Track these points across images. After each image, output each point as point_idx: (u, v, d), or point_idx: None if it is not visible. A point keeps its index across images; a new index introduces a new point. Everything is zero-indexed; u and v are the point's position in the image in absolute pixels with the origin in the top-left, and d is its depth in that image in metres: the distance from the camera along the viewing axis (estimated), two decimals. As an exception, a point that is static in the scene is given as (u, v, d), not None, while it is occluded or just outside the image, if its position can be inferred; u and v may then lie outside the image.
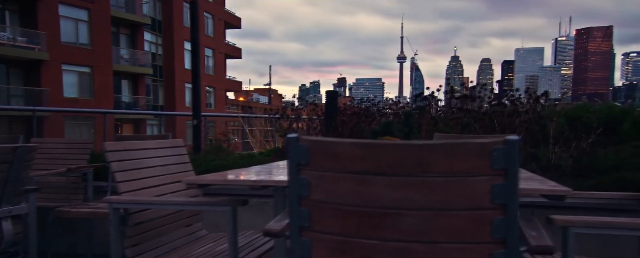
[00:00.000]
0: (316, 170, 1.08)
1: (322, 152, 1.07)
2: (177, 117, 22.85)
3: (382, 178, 1.04)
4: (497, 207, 1.02)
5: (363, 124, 6.91)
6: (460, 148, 1.01)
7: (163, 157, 2.22)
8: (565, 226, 1.43)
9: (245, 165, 4.76)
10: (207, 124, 26.45)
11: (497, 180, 1.00)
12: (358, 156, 1.05)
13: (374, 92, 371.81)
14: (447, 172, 1.02)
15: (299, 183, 1.09)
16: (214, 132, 24.66)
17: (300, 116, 8.02)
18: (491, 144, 0.99)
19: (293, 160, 1.08)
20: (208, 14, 31.03)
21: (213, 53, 32.01)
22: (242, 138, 10.48)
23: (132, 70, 25.06)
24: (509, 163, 1.00)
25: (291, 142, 1.07)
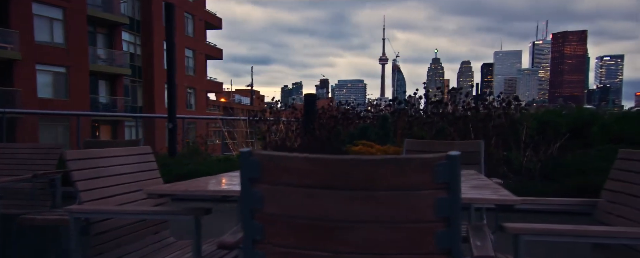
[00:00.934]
0: (268, 184, 1.10)
1: (273, 166, 1.09)
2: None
3: (332, 192, 1.07)
4: (441, 219, 1.05)
5: (340, 128, 6.96)
6: (405, 164, 1.05)
7: (129, 165, 2.20)
8: (516, 234, 1.48)
9: (220, 170, 4.74)
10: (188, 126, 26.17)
11: (440, 194, 1.04)
12: (309, 170, 1.07)
13: (356, 93, 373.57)
14: (392, 186, 1.05)
15: (251, 196, 1.11)
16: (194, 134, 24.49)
17: (279, 118, 8.03)
18: (434, 160, 1.03)
19: (245, 174, 1.10)
20: (188, 14, 30.70)
21: (193, 54, 31.68)
22: (222, 140, 10.41)
23: (109, 70, 24.60)
24: (451, 178, 1.04)
25: (243, 156, 1.09)
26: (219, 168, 5.08)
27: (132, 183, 2.15)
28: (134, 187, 2.15)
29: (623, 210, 1.87)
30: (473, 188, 1.69)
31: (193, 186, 1.71)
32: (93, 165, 1.98)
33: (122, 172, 2.13)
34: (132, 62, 27.00)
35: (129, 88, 27.25)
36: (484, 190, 1.63)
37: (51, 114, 17.87)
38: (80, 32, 22.18)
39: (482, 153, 2.98)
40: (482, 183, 1.80)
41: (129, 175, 2.16)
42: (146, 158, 2.36)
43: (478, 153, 3.00)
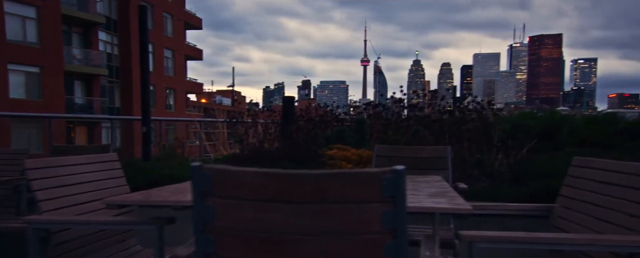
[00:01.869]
0: (220, 197, 1.11)
1: (224, 180, 1.10)
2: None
3: (282, 206, 1.09)
4: (388, 231, 1.08)
5: (318, 131, 6.99)
6: (353, 178, 1.07)
7: (93, 173, 2.17)
8: (471, 241, 1.53)
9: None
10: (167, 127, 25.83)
11: (386, 207, 1.07)
12: (259, 184, 1.09)
13: (338, 94, 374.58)
14: (341, 200, 1.08)
15: (203, 210, 1.12)
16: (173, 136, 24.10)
17: (257, 121, 7.99)
18: (380, 173, 1.06)
19: (196, 187, 1.11)
20: (167, 14, 30.30)
21: (173, 54, 31.26)
22: (202, 142, 10.31)
23: (85, 70, 24.06)
24: (397, 191, 1.07)
25: (194, 170, 1.10)
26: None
27: (96, 191, 2.12)
28: (98, 196, 2.12)
29: (576, 216, 1.94)
30: (430, 197, 1.73)
31: (155, 196, 1.70)
32: (54, 173, 1.95)
33: (85, 180, 2.10)
34: (109, 62, 26.47)
35: (107, 88, 26.70)
36: (441, 198, 1.67)
37: (20, 116, 17.31)
38: (54, 31, 21.63)
39: (450, 159, 3.04)
40: (441, 191, 1.84)
41: (93, 183, 2.14)
42: (112, 166, 2.34)
43: (446, 158, 3.06)
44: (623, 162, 1.73)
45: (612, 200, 1.71)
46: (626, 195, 1.63)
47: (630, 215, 1.58)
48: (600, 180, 1.83)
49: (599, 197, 1.80)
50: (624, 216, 1.62)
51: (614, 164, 1.77)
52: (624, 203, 1.63)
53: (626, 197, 1.63)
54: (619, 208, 1.65)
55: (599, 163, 1.88)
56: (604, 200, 1.77)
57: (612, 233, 1.65)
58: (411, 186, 2.09)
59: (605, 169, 1.82)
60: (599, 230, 1.75)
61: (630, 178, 1.64)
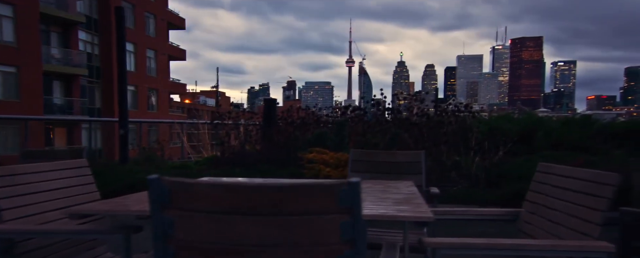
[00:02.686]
0: (178, 209, 1.11)
1: (182, 192, 1.11)
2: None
3: (240, 218, 1.10)
4: (346, 242, 1.10)
5: (299, 133, 7.00)
6: (310, 189, 1.09)
7: (61, 180, 2.14)
8: (434, 248, 1.56)
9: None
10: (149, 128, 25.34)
11: (344, 218, 1.09)
12: (217, 197, 1.10)
13: (323, 95, 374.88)
14: (299, 211, 1.09)
15: (162, 222, 1.12)
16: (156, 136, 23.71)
17: (238, 123, 7.93)
18: (337, 185, 1.08)
19: (155, 200, 1.11)
20: (149, 14, 29.91)
21: (155, 54, 30.87)
22: (187, 142, 10.21)
23: (64, 70, 23.58)
24: (353, 203, 1.09)
25: (152, 183, 1.10)
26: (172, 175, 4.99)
27: (63, 199, 2.09)
28: (66, 203, 2.09)
29: (540, 221, 2.00)
30: (396, 204, 1.76)
31: (120, 205, 1.69)
32: (19, 181, 1.92)
33: (52, 187, 2.07)
34: (90, 62, 25.98)
35: (87, 89, 26.21)
36: (405, 206, 1.70)
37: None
38: (32, 30, 21.15)
39: (424, 163, 3.09)
40: (409, 197, 1.88)
41: (61, 190, 2.11)
42: (81, 172, 2.31)
43: (420, 163, 3.10)
44: (579, 168, 1.79)
45: (570, 205, 1.76)
46: (582, 200, 1.69)
47: (585, 221, 1.64)
48: (560, 186, 1.89)
49: (559, 203, 1.86)
50: (580, 221, 1.68)
51: (571, 170, 1.83)
52: (579, 209, 1.69)
53: (581, 202, 1.69)
54: (576, 213, 1.71)
55: (559, 170, 1.94)
56: (563, 206, 1.82)
57: (572, 238, 1.71)
58: (381, 192, 2.12)
59: (564, 175, 1.88)
60: (560, 235, 1.80)
61: (585, 185, 1.70)
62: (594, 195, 1.64)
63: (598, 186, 1.64)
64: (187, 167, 6.72)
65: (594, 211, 1.62)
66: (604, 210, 1.59)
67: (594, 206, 1.63)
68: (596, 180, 1.66)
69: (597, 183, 1.65)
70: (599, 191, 1.63)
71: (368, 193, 2.10)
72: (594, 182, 1.67)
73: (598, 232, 1.60)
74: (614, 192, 1.58)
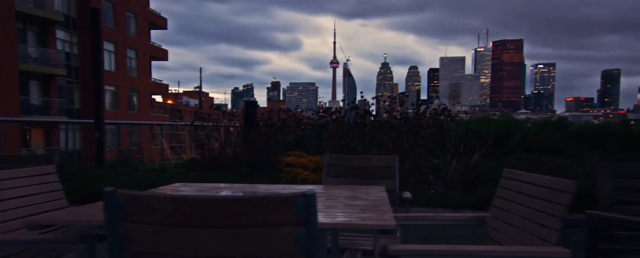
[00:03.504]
0: (134, 222, 1.11)
1: (138, 205, 1.10)
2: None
3: (196, 231, 1.10)
4: (302, 253, 1.12)
5: (279, 136, 6.99)
6: (266, 202, 1.10)
7: (26, 187, 2.10)
8: (397, 255, 1.59)
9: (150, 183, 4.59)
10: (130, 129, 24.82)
11: (300, 230, 1.10)
12: (172, 209, 1.10)
13: (307, 96, 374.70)
14: (256, 223, 1.10)
15: (117, 235, 1.11)
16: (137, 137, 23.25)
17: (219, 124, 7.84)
18: (293, 197, 1.09)
19: (110, 213, 1.10)
20: (130, 14, 29.45)
21: (136, 54, 30.41)
22: (168, 144, 10.07)
23: (42, 70, 23.03)
24: (309, 214, 1.10)
25: (107, 196, 1.09)
26: (149, 180, 4.91)
27: (27, 207, 2.05)
28: (30, 211, 2.05)
29: (504, 227, 2.05)
30: (361, 211, 1.78)
31: (82, 214, 1.67)
32: (-20, 190, 1.88)
33: (15, 195, 2.03)
34: (68, 61, 25.45)
35: (65, 89, 25.66)
36: (370, 213, 1.72)
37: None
38: (7, 29, 20.61)
39: (397, 168, 3.12)
40: (376, 204, 1.90)
41: (25, 198, 2.07)
42: (48, 179, 2.27)
43: (393, 168, 3.14)
44: (539, 175, 1.84)
45: (531, 211, 1.81)
46: (541, 207, 1.74)
47: (544, 226, 1.69)
48: (522, 192, 1.94)
49: (521, 208, 1.91)
50: (539, 227, 1.72)
51: (532, 177, 1.88)
52: (539, 215, 1.74)
53: (541, 208, 1.73)
54: (536, 219, 1.76)
55: (521, 176, 1.99)
56: (525, 211, 1.87)
57: (532, 243, 1.75)
58: (350, 198, 2.14)
59: (526, 181, 1.93)
60: (523, 240, 1.85)
61: (544, 191, 1.75)
62: (552, 201, 1.69)
63: (556, 193, 1.69)
64: (166, 170, 6.64)
65: (552, 217, 1.67)
66: (561, 216, 1.64)
67: (552, 212, 1.67)
68: (554, 187, 1.71)
69: (555, 190, 1.70)
70: (556, 198, 1.67)
71: (337, 200, 2.12)
72: (552, 188, 1.72)
73: (556, 237, 1.64)
74: (570, 199, 1.63)
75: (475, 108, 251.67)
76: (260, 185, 2.65)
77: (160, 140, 10.38)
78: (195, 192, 2.41)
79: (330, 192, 2.44)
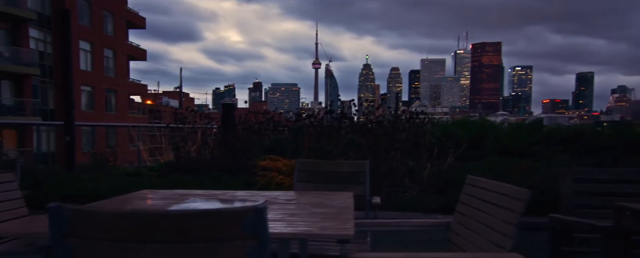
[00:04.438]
0: (80, 238, 1.09)
1: (84, 221, 1.09)
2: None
3: (145, 246, 1.09)
4: (252, 267, 1.12)
5: (255, 139, 6.96)
6: (215, 216, 1.10)
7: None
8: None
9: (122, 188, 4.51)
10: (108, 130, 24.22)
11: (250, 244, 1.11)
12: (119, 225, 1.08)
13: (289, 97, 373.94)
14: (205, 238, 1.10)
15: (63, 251, 1.10)
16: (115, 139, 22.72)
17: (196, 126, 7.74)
18: (242, 212, 1.09)
19: (55, 229, 1.08)
20: (108, 12, 28.88)
21: (114, 54, 29.83)
22: (145, 145, 9.90)
23: (13, 69, 22.37)
24: (259, 229, 1.10)
25: (52, 211, 1.08)
26: (121, 185, 4.82)
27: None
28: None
29: (466, 233, 2.09)
30: (323, 219, 1.79)
31: (36, 226, 1.64)
32: None
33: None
34: (42, 61, 24.78)
35: (39, 89, 24.97)
36: (332, 222, 1.73)
37: None
38: (-23, 27, 19.95)
39: (368, 173, 3.15)
40: (340, 211, 1.91)
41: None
42: (8, 187, 2.21)
43: (364, 173, 3.16)
44: (497, 182, 1.89)
45: (489, 218, 1.85)
46: (498, 214, 1.78)
47: (501, 234, 1.73)
48: (482, 199, 1.98)
49: (481, 215, 1.95)
50: (497, 234, 1.76)
51: (491, 184, 1.93)
52: (496, 222, 1.78)
53: (498, 215, 1.78)
54: (493, 225, 1.80)
55: (482, 183, 2.04)
56: (484, 218, 1.91)
57: (490, 250, 1.79)
58: (315, 206, 2.15)
59: (486, 188, 1.97)
60: (482, 246, 1.89)
61: (501, 198, 1.79)
62: (508, 208, 1.73)
63: (511, 200, 1.73)
64: (140, 173, 6.54)
65: (507, 224, 1.71)
66: (516, 223, 1.68)
67: (507, 219, 1.72)
68: (509, 195, 1.75)
69: (510, 198, 1.74)
70: (511, 205, 1.72)
71: (303, 207, 2.13)
72: (507, 196, 1.76)
73: (510, 244, 1.69)
74: (524, 206, 1.67)
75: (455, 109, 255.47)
76: (229, 192, 2.64)
77: (137, 142, 10.20)
78: (161, 199, 2.38)
79: (299, 199, 2.45)
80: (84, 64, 27.03)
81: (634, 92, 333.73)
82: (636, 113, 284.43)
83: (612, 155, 6.76)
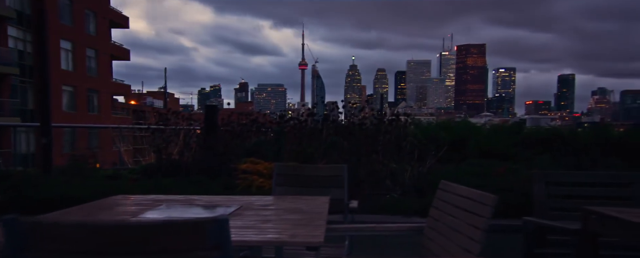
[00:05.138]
0: (38, 252, 1.08)
1: (42, 234, 1.07)
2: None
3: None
4: (215, 277, 1.11)
5: (238, 141, 6.92)
6: (177, 228, 1.10)
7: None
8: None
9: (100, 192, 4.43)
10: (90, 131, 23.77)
11: (213, 254, 1.10)
12: (79, 238, 1.07)
13: (276, 97, 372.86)
14: (167, 249, 1.09)
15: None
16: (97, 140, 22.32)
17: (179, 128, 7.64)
18: (204, 223, 1.09)
19: (11, 243, 1.06)
20: (90, 11, 28.40)
21: (96, 53, 29.35)
22: (132, 145, 9.74)
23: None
24: (222, 239, 1.10)
25: (7, 224, 1.06)
26: (99, 189, 4.73)
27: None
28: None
29: (438, 238, 2.11)
30: (294, 226, 1.80)
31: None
32: None
33: None
34: (22, 60, 24.25)
35: (18, 89, 24.42)
36: (301, 229, 1.74)
37: None
38: (-47, 25, 19.42)
39: (346, 177, 3.16)
40: (312, 217, 1.92)
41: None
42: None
43: (342, 177, 3.18)
44: (467, 187, 1.92)
45: (459, 223, 1.88)
46: (467, 219, 1.81)
47: (469, 238, 1.76)
48: (453, 204, 2.01)
49: (453, 220, 1.98)
50: (466, 239, 1.79)
51: (461, 189, 1.96)
52: (466, 227, 1.81)
53: (467, 220, 1.81)
54: (463, 231, 1.83)
55: (453, 188, 2.07)
56: (455, 223, 1.94)
57: (459, 255, 1.82)
58: (288, 212, 2.15)
59: (456, 193, 2.00)
60: (452, 251, 1.92)
61: (470, 204, 1.82)
62: (476, 214, 1.76)
63: (480, 206, 1.76)
64: (120, 176, 6.45)
65: (475, 229, 1.74)
66: (483, 228, 1.71)
67: (475, 224, 1.75)
68: (478, 200, 1.78)
69: (478, 203, 1.77)
70: (480, 211, 1.75)
71: (276, 214, 2.13)
72: (476, 201, 1.79)
73: (478, 249, 1.72)
74: (492, 212, 1.70)
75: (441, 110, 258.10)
76: (205, 197, 2.62)
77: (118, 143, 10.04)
78: (134, 205, 2.36)
79: (275, 204, 2.45)
80: (65, 63, 26.55)
81: (612, 93, 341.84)
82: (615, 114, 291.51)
83: (590, 157, 6.90)
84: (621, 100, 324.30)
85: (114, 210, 2.26)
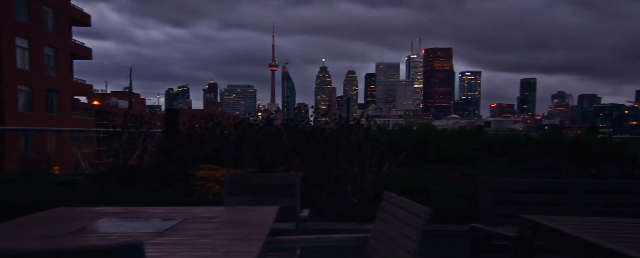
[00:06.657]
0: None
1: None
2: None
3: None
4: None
5: (198, 146, 6.81)
6: (88, 254, 1.06)
7: None
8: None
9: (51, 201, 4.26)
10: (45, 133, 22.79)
11: (126, 280, 1.08)
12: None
13: (245, 99, 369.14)
14: (77, 275, 1.06)
15: None
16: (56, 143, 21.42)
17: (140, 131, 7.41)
18: (117, 248, 1.07)
19: None
20: (48, 8, 27.25)
21: (55, 52, 28.18)
22: (94, 148, 9.38)
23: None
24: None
25: None
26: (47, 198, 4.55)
27: None
28: None
29: (379, 249, 2.15)
30: (231, 242, 1.79)
31: None
32: None
33: None
34: (-27, 58, 23.00)
35: (-30, 89, 23.14)
36: (238, 246, 1.73)
37: None
38: None
39: (299, 186, 3.17)
40: (252, 232, 1.91)
41: None
42: None
43: (295, 185, 3.18)
44: (407, 199, 1.96)
45: (397, 234, 1.92)
46: (403, 230, 1.85)
47: (404, 250, 1.79)
48: (394, 215, 2.05)
49: (392, 231, 2.01)
50: (401, 250, 1.83)
51: (402, 201, 2.00)
52: (402, 238, 1.85)
53: (403, 231, 1.84)
54: (400, 242, 1.87)
55: (395, 199, 2.11)
56: (394, 234, 1.98)
57: (398, 266, 1.85)
58: (229, 225, 2.13)
59: (397, 205, 2.04)
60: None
61: (408, 216, 1.86)
62: (412, 226, 1.80)
63: (414, 218, 1.80)
64: (74, 183, 6.21)
65: (410, 241, 1.78)
66: (417, 240, 1.75)
67: (410, 236, 1.79)
68: (414, 212, 1.82)
69: (414, 215, 1.81)
70: (415, 222, 1.79)
71: (217, 227, 2.11)
72: (412, 213, 1.83)
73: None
74: (424, 224, 1.75)
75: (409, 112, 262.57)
76: (150, 208, 2.56)
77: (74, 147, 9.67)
78: (73, 220, 2.28)
79: (220, 216, 2.43)
80: (21, 62, 25.35)
81: (571, 97, 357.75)
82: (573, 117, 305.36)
83: (544, 161, 7.19)
84: (579, 103, 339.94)
85: (53, 225, 2.17)
